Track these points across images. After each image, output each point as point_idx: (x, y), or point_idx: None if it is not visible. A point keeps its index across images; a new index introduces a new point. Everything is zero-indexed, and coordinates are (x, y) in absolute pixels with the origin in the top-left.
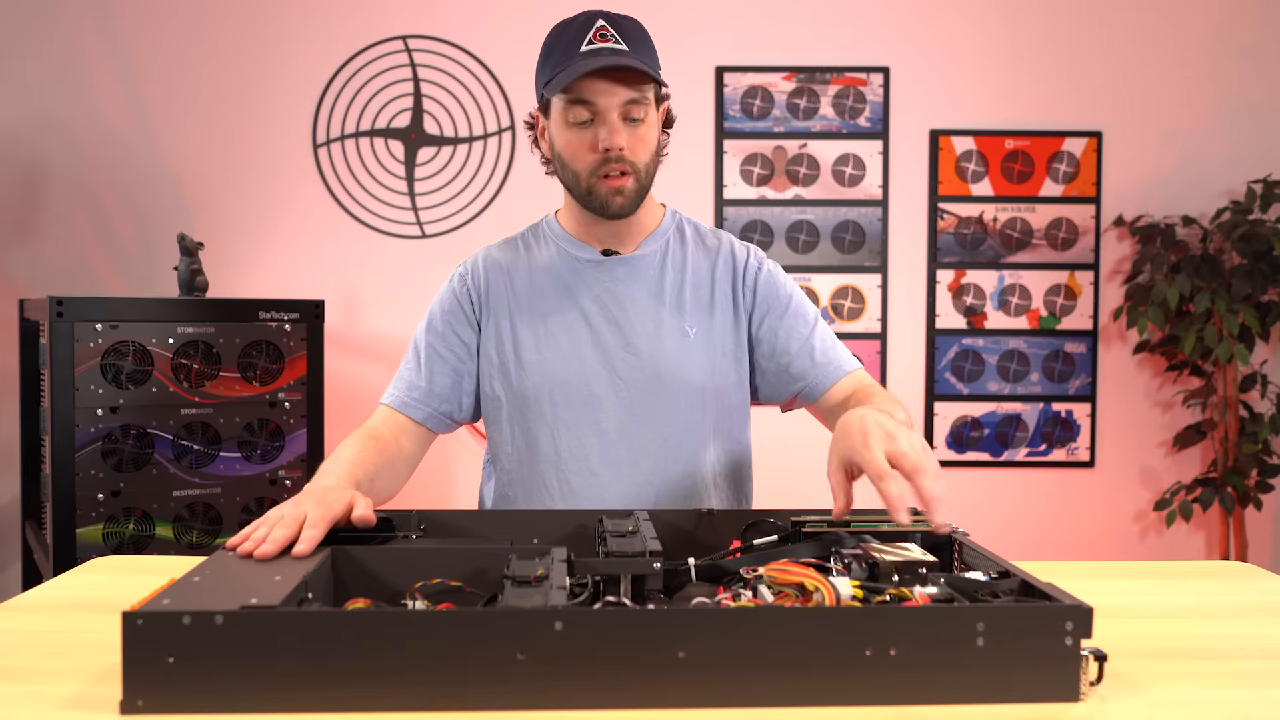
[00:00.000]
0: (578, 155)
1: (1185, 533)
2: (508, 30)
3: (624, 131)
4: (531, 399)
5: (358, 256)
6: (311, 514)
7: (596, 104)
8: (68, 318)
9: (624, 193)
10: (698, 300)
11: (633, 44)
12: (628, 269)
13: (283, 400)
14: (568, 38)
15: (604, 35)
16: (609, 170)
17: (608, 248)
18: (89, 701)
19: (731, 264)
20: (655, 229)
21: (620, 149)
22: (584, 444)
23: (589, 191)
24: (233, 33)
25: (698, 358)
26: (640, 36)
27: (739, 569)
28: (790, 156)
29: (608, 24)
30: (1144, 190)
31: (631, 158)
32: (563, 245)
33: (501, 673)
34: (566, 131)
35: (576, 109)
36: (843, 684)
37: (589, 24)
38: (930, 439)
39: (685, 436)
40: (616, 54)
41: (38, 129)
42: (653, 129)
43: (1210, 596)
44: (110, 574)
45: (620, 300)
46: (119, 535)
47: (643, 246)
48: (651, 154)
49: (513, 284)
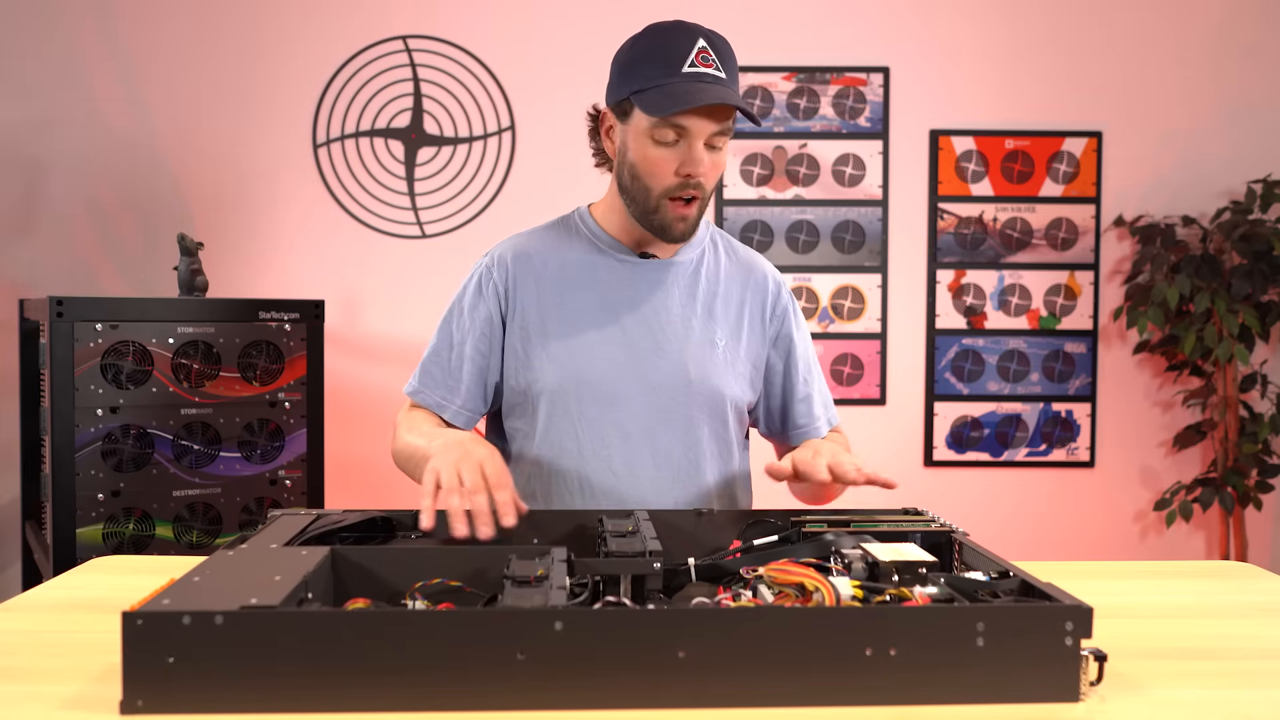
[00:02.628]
0: (655, 173)
1: (1185, 533)
2: (508, 30)
3: (707, 159)
4: (558, 395)
5: (358, 256)
6: (491, 473)
7: (688, 129)
8: (68, 318)
9: (688, 220)
10: (727, 314)
11: (729, 71)
12: (663, 274)
13: (283, 400)
14: (668, 52)
15: (705, 59)
16: (684, 194)
17: (645, 251)
18: (89, 701)
19: (765, 289)
20: (693, 238)
21: (700, 177)
22: (608, 444)
23: (655, 210)
24: (233, 33)
25: (724, 368)
26: (733, 62)
27: (739, 569)
28: (790, 156)
29: (709, 46)
30: (1144, 190)
31: (705, 182)
32: (598, 243)
33: (501, 673)
34: (648, 147)
35: (665, 130)
36: (843, 684)
37: (690, 42)
38: (930, 439)
39: (708, 444)
40: (717, 82)
41: (38, 129)
42: (725, 155)
43: (1210, 596)
44: (110, 574)
45: (653, 303)
46: (119, 535)
47: (680, 254)
48: (717, 181)
49: (541, 277)
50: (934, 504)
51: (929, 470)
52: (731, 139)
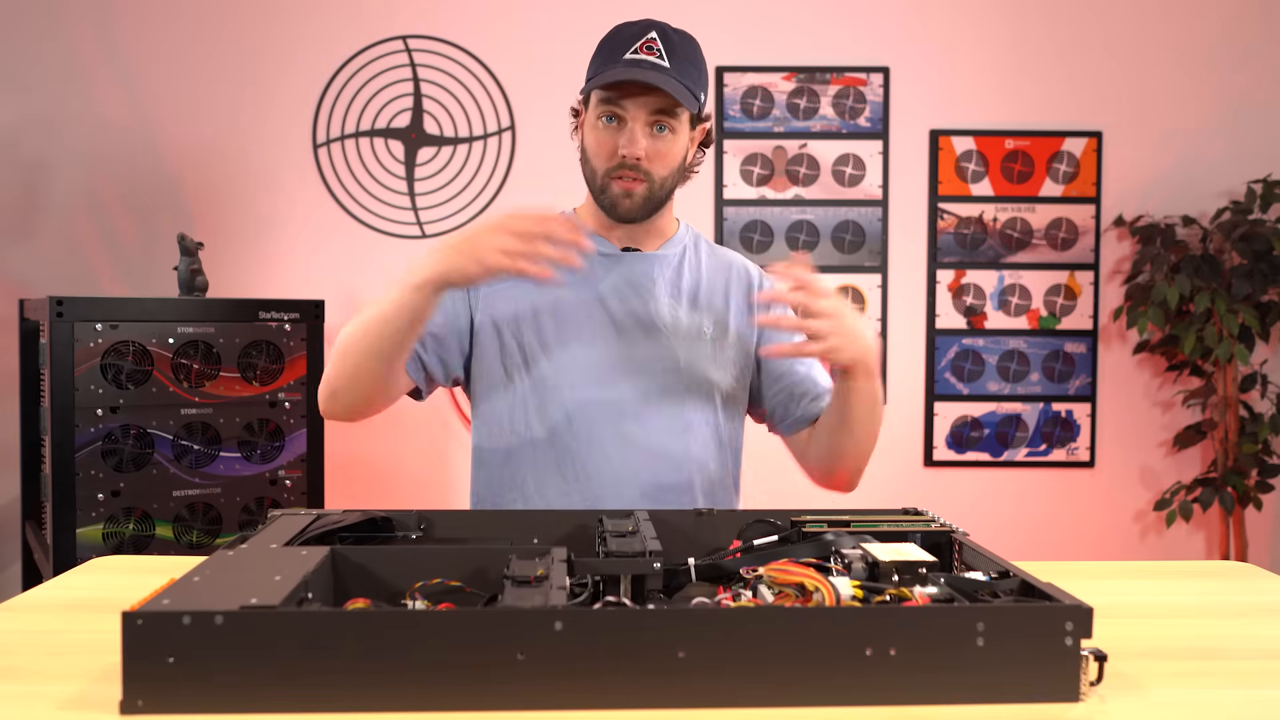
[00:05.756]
0: (598, 154)
1: (1185, 533)
2: (508, 30)
3: (646, 142)
4: (551, 384)
5: (358, 256)
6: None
7: (625, 111)
8: (68, 318)
9: (633, 196)
10: (713, 305)
11: (676, 62)
12: (647, 266)
13: (283, 400)
14: (619, 41)
15: (650, 48)
16: (623, 174)
17: (628, 246)
18: (89, 701)
19: (746, 280)
20: (673, 236)
21: (638, 158)
22: (599, 429)
23: (602, 190)
24: (233, 33)
25: (712, 357)
26: (689, 56)
27: (739, 569)
28: (790, 156)
29: (659, 38)
30: (1144, 190)
31: (648, 168)
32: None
33: (501, 673)
34: (594, 129)
35: (606, 111)
36: (843, 684)
37: (642, 33)
38: (930, 439)
39: (698, 430)
40: (655, 69)
41: (38, 129)
42: (678, 144)
43: (1210, 596)
44: (110, 574)
45: (640, 292)
46: (119, 535)
47: (663, 249)
48: (672, 169)
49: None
50: (934, 504)
51: (929, 470)
52: (730, 139)
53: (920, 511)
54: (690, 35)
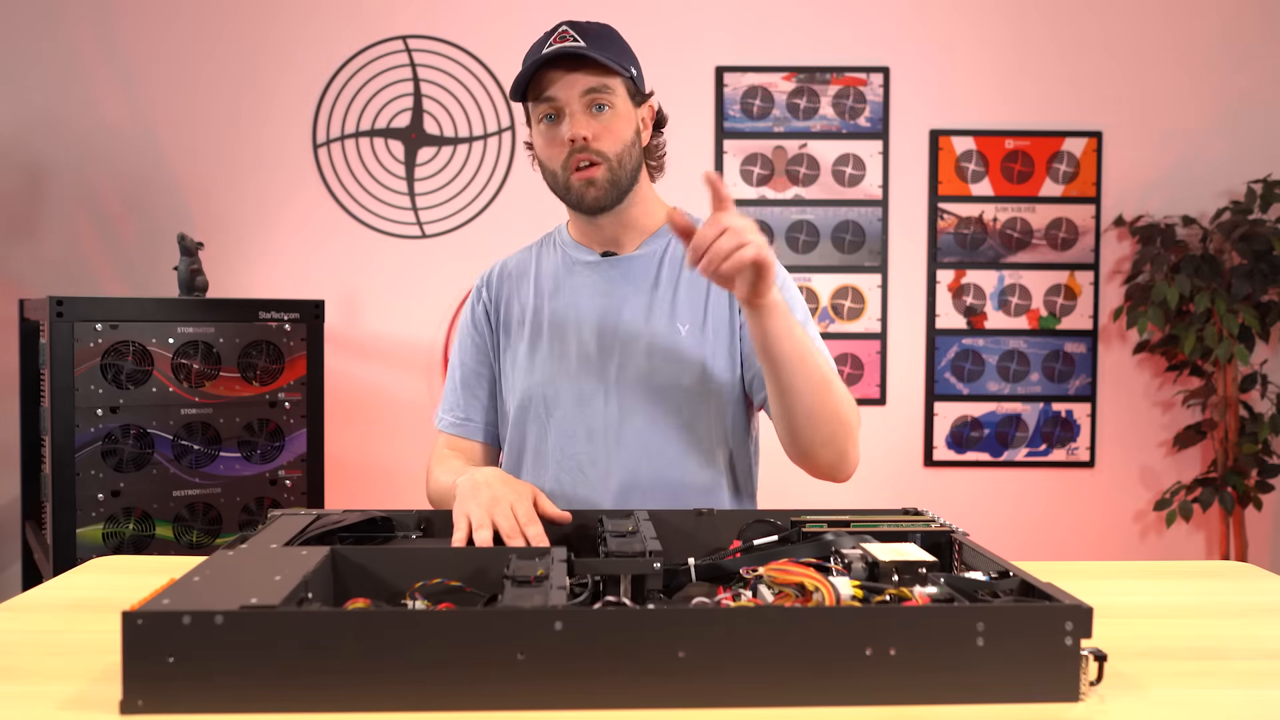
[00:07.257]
0: (549, 154)
1: (1185, 533)
2: (508, 30)
3: (589, 122)
4: (528, 402)
5: (358, 256)
6: (521, 512)
7: (557, 97)
8: (68, 318)
9: (595, 183)
10: (693, 296)
11: (592, 40)
12: (621, 270)
13: (283, 400)
14: (535, 46)
15: (564, 37)
16: (577, 161)
17: (607, 250)
18: (89, 701)
19: None
20: (658, 229)
21: (585, 139)
22: (575, 444)
23: (566, 188)
24: (233, 33)
25: (689, 358)
26: (604, 36)
27: (739, 569)
28: (790, 156)
29: (570, 28)
30: (1144, 190)
31: (599, 147)
32: (567, 250)
33: (501, 673)
34: (540, 136)
35: (541, 106)
36: (843, 684)
37: (554, 30)
38: (930, 439)
39: (675, 437)
40: (573, 49)
41: (38, 129)
42: (623, 120)
43: (1210, 596)
44: (110, 574)
45: (613, 301)
46: (119, 535)
47: (642, 247)
48: (624, 145)
49: (520, 292)
50: (934, 504)
51: (929, 470)
52: (730, 139)
53: (920, 511)
54: (607, 24)
